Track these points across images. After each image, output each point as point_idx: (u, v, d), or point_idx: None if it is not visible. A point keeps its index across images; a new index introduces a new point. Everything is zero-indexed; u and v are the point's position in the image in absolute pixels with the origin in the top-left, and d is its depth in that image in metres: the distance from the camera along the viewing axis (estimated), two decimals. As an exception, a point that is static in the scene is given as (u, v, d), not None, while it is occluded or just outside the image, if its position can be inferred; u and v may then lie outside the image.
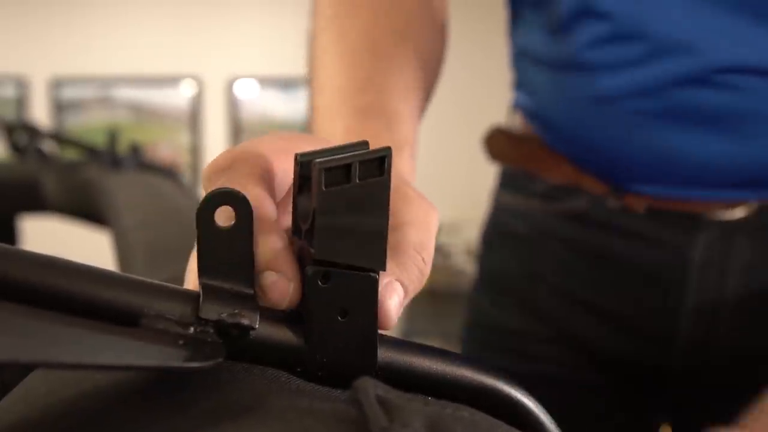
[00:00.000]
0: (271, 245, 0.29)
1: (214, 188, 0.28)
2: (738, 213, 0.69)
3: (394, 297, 0.31)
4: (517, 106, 0.85)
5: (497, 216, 0.89)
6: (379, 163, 0.29)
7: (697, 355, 0.74)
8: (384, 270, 0.30)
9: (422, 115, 0.60)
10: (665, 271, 0.73)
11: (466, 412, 0.28)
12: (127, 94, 5.00)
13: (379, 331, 0.30)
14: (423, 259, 0.34)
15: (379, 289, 0.30)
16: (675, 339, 0.74)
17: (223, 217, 0.28)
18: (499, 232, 0.88)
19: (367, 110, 0.50)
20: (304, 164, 0.29)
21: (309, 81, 0.58)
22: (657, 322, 0.75)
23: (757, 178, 0.67)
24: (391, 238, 0.33)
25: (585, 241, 0.78)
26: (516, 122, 0.86)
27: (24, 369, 0.28)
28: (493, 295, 0.87)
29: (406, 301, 0.33)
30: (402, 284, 0.32)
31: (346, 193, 0.28)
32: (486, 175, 1.53)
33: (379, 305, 0.30)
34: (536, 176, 0.82)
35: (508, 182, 0.88)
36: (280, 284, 0.29)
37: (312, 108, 0.55)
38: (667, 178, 0.70)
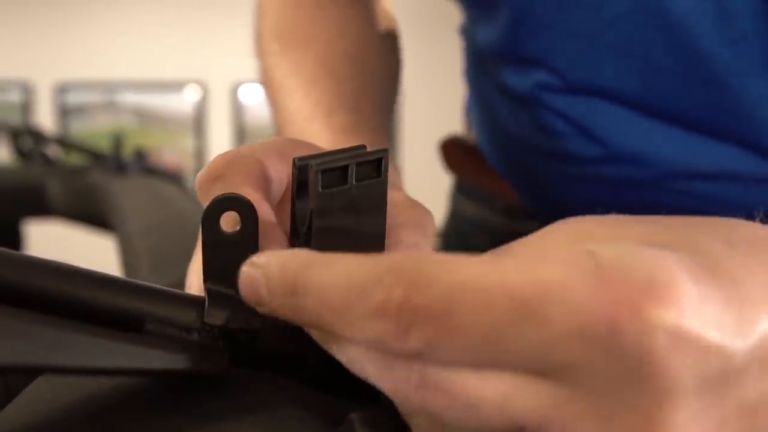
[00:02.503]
0: (269, 249, 0.29)
1: (211, 194, 0.28)
2: None
3: None
4: (472, 128, 0.82)
5: (457, 225, 0.86)
6: (376, 165, 0.29)
7: None
8: None
9: (391, 125, 0.60)
10: None
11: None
12: (131, 99, 5.01)
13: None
14: None
15: None
16: None
17: (228, 222, 0.28)
18: (460, 242, 0.85)
19: (346, 128, 0.50)
20: (301, 168, 0.29)
21: (273, 118, 0.57)
22: None
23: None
24: (386, 241, 0.33)
25: None
26: (470, 129, 0.83)
27: (29, 374, 0.28)
28: None
29: None
30: None
31: (344, 194, 0.28)
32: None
33: None
34: (496, 194, 0.78)
35: (466, 191, 0.84)
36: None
37: (279, 132, 0.54)
38: None
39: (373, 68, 0.60)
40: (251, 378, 0.28)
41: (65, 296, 0.26)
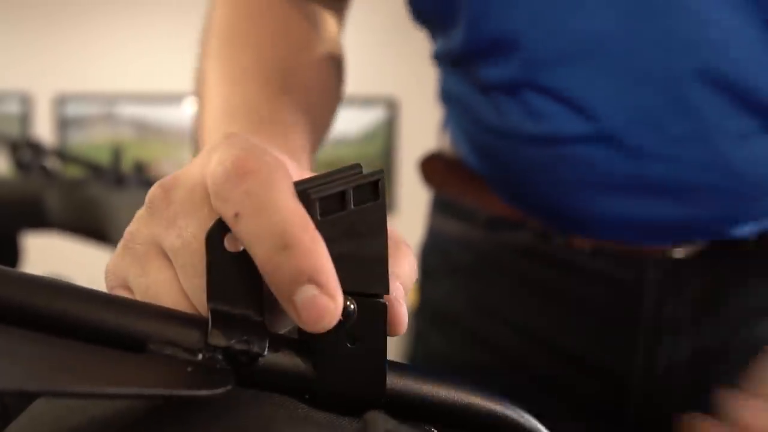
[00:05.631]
0: (316, 257, 0.26)
1: (238, 193, 0.27)
2: (686, 251, 0.69)
3: (402, 301, 0.30)
4: (451, 139, 0.82)
5: (438, 243, 0.85)
6: (372, 188, 0.29)
7: (656, 397, 0.72)
8: (388, 294, 0.29)
9: (321, 139, 0.59)
10: (617, 310, 0.72)
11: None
12: (130, 111, 5.02)
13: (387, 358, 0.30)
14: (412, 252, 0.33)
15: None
16: (632, 376, 0.72)
17: (232, 242, 0.28)
18: (442, 261, 0.84)
19: (262, 121, 0.49)
20: (299, 194, 0.29)
21: (197, 109, 0.56)
22: (613, 359, 0.73)
23: (700, 231, 0.67)
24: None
25: (534, 275, 0.75)
26: (446, 145, 0.83)
27: (29, 397, 0.28)
28: (441, 328, 0.84)
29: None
30: (399, 280, 0.31)
31: (343, 220, 0.28)
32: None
33: (389, 311, 0.29)
34: (477, 207, 0.79)
35: (444, 207, 0.84)
36: (321, 301, 0.26)
37: (201, 128, 0.52)
38: (608, 233, 0.69)
39: (307, 77, 0.59)
40: (254, 398, 0.28)
41: (67, 316, 0.26)
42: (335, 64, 0.66)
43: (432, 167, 0.84)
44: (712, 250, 0.69)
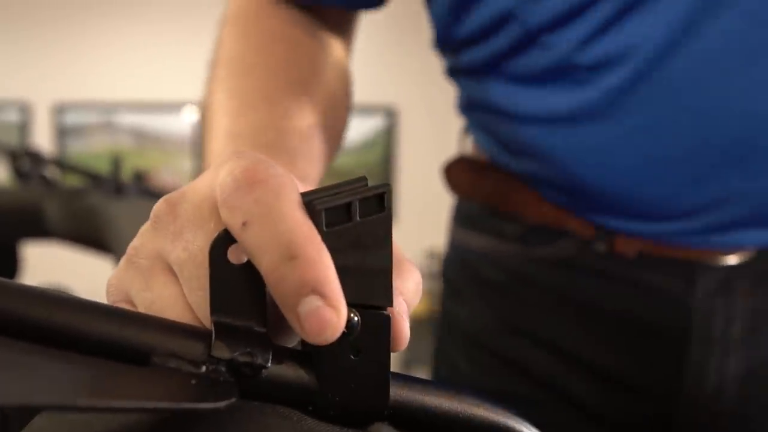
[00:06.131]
0: (321, 269, 0.26)
1: (248, 201, 0.27)
2: (738, 258, 0.66)
3: (405, 317, 0.30)
4: (474, 139, 0.80)
5: (463, 260, 0.82)
6: (378, 200, 0.29)
7: (702, 417, 0.69)
8: (391, 306, 0.29)
9: (327, 161, 0.59)
10: (664, 323, 0.69)
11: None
12: (129, 120, 5.02)
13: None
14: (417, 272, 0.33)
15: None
16: (677, 398, 0.69)
17: (236, 253, 0.28)
18: (469, 278, 0.80)
19: (268, 147, 0.49)
20: (305, 204, 0.29)
21: (205, 137, 0.56)
22: (657, 378, 0.70)
23: (760, 215, 0.64)
24: None
25: (572, 290, 0.72)
26: (469, 148, 0.81)
27: (31, 411, 0.28)
28: (469, 352, 0.80)
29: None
30: (403, 296, 0.31)
31: (348, 232, 0.28)
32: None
33: (392, 327, 0.29)
34: (508, 214, 0.75)
35: (472, 222, 0.81)
36: (325, 312, 0.26)
37: (207, 152, 0.53)
38: (658, 227, 0.66)
39: (315, 99, 0.59)
40: (258, 410, 0.28)
41: (69, 329, 0.26)
42: (343, 91, 0.66)
43: (458, 172, 0.81)
44: (762, 258, 0.66)
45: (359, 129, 4.82)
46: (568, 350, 0.73)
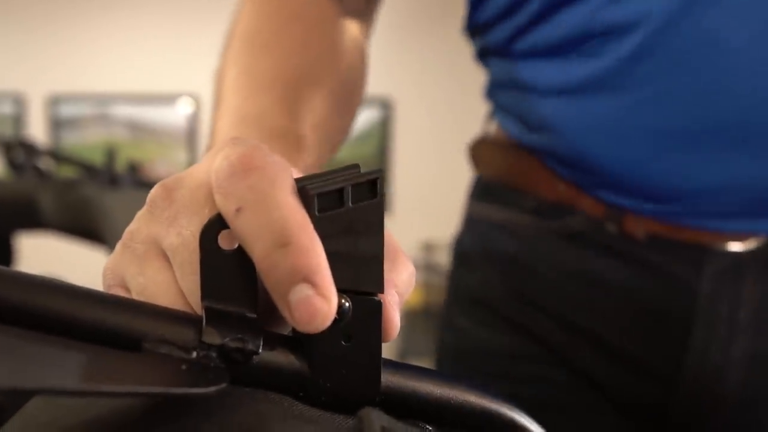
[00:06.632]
0: (313, 257, 0.27)
1: (243, 187, 0.28)
2: (748, 245, 0.66)
3: (396, 308, 0.30)
4: (497, 121, 0.82)
5: (478, 231, 0.83)
6: (371, 186, 0.29)
7: (704, 398, 0.70)
8: (383, 293, 0.29)
9: (334, 150, 0.59)
10: (670, 304, 0.69)
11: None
12: (124, 111, 5.01)
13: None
14: (410, 263, 0.33)
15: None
16: (680, 379, 0.69)
17: (227, 239, 0.28)
18: (482, 248, 0.81)
19: (275, 131, 0.48)
20: (298, 190, 0.29)
21: (213, 113, 0.56)
22: (660, 359, 0.70)
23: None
24: None
25: (581, 265, 0.73)
26: (493, 130, 0.83)
27: (24, 396, 0.28)
28: (477, 314, 0.81)
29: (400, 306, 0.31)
30: (396, 288, 0.31)
31: (341, 217, 0.28)
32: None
33: (383, 317, 0.29)
34: (526, 191, 0.77)
35: (491, 195, 0.82)
36: (315, 301, 0.26)
37: (212, 131, 0.52)
38: (668, 208, 0.67)
39: (327, 86, 0.59)
40: (249, 396, 0.28)
41: (62, 315, 0.26)
42: (358, 75, 0.66)
43: (481, 150, 0.83)
44: None
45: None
46: (574, 322, 0.74)
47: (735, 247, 0.67)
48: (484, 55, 0.80)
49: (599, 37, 0.63)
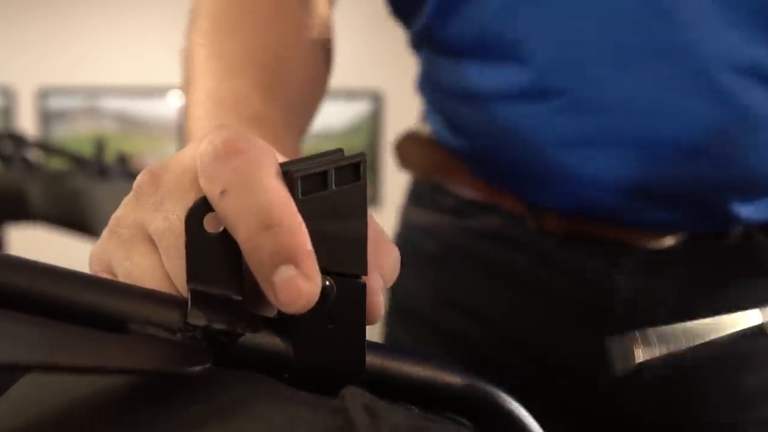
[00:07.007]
0: (297, 238, 0.27)
1: (227, 171, 0.28)
2: (665, 242, 0.66)
3: (380, 292, 0.30)
4: (426, 118, 0.81)
5: (406, 233, 0.82)
6: (354, 169, 0.29)
7: (625, 398, 0.69)
8: (366, 275, 0.30)
9: (306, 130, 0.59)
10: (588, 302, 0.69)
11: (451, 425, 0.28)
12: (114, 104, 4.99)
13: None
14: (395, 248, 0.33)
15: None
16: (600, 378, 0.68)
17: (212, 222, 0.28)
18: (409, 251, 0.79)
19: (253, 119, 0.48)
20: (282, 173, 0.29)
21: (184, 94, 0.56)
22: (583, 359, 0.69)
23: (689, 203, 0.64)
24: None
25: (501, 263, 0.72)
26: (427, 128, 0.81)
27: (10, 372, 0.28)
28: (406, 322, 0.80)
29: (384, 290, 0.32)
30: (380, 271, 0.31)
31: (324, 200, 0.28)
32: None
33: (367, 298, 0.30)
34: (446, 189, 0.76)
35: (416, 197, 0.82)
36: (299, 282, 0.26)
37: (188, 117, 0.52)
38: (579, 205, 0.66)
39: (297, 66, 0.59)
40: (233, 377, 0.28)
41: (48, 296, 0.26)
42: (325, 51, 0.65)
43: (407, 147, 0.82)
44: (694, 244, 0.66)
45: (344, 114, 4.81)
46: (499, 325, 0.74)
47: (654, 244, 0.66)
48: (413, 45, 0.77)
49: (508, 45, 0.62)
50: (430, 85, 0.76)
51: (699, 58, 0.56)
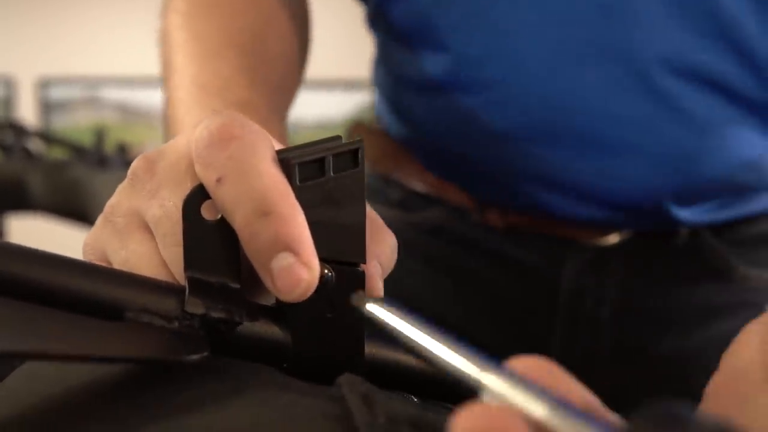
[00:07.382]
0: (294, 225, 0.26)
1: (222, 157, 0.27)
2: (610, 240, 0.66)
3: (379, 280, 0.30)
4: (377, 109, 0.80)
5: None
6: (352, 156, 0.29)
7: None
8: (365, 263, 0.30)
9: (287, 113, 0.58)
10: (532, 298, 0.68)
11: (449, 415, 0.28)
12: (114, 94, 4.98)
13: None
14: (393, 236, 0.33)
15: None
16: None
17: (210, 210, 0.28)
18: None
19: (238, 104, 0.47)
20: (280, 160, 0.29)
21: (164, 77, 0.54)
22: (523, 354, 0.67)
23: (626, 203, 0.63)
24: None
25: (445, 257, 0.71)
26: (376, 118, 0.80)
27: (7, 359, 0.28)
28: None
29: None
30: (378, 259, 0.31)
31: (322, 187, 0.28)
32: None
33: (366, 286, 0.30)
34: (395, 181, 0.75)
35: (370, 192, 0.75)
36: (297, 269, 0.26)
37: (171, 102, 0.50)
38: (529, 195, 0.65)
39: (277, 47, 0.58)
40: (231, 365, 0.28)
41: (45, 284, 0.26)
42: (303, 29, 0.64)
43: (355, 135, 0.80)
44: (639, 242, 0.66)
45: (343, 105, 4.80)
46: (443, 318, 0.72)
47: (598, 242, 0.66)
48: (368, 26, 0.75)
49: (444, 34, 0.61)
50: (380, 71, 0.74)
51: (641, 58, 0.56)
